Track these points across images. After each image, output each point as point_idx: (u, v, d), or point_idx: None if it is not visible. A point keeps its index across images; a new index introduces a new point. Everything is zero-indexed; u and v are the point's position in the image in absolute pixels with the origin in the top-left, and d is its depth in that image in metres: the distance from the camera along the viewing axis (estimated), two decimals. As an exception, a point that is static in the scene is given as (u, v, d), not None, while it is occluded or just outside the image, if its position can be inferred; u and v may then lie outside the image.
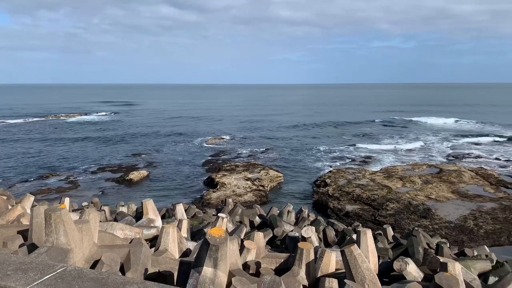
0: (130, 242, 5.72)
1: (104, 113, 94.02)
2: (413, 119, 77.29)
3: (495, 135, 54.44)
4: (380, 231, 11.91)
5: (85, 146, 47.10)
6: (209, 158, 39.41)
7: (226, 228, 9.21)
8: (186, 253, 6.83)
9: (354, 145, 47.33)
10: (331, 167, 34.69)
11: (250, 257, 5.89)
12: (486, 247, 12.19)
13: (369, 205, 23.18)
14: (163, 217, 11.05)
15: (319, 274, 5.38)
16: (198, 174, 33.16)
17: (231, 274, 4.08)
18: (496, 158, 38.70)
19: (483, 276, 7.21)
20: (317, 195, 26.14)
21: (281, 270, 5.88)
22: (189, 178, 31.92)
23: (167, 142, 49.65)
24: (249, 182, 28.06)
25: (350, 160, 38.61)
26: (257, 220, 11.56)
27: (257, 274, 5.32)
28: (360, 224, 15.27)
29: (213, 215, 12.94)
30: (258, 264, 5.69)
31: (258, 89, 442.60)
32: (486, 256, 10.32)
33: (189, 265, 4.08)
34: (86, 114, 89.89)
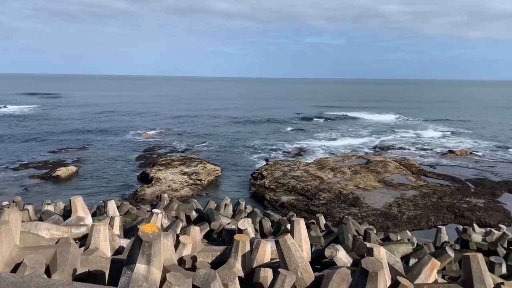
0: (56, 242, 5.40)
1: (27, 106, 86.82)
2: (346, 113, 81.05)
3: (418, 129, 58.93)
4: (313, 220, 12.38)
5: (4, 141, 43.28)
6: (144, 152, 38.20)
7: (161, 224, 9.02)
8: (119, 251, 6.59)
9: (290, 139, 48.61)
10: (267, 160, 35.32)
11: (186, 252, 5.84)
12: (408, 231, 13.20)
13: (303, 196, 24.00)
14: (93, 215, 10.54)
15: (254, 265, 5.48)
16: (132, 169, 32.03)
17: (165, 270, 4.02)
18: (418, 149, 41.90)
19: (405, 259, 7.81)
20: (254, 187, 26.52)
21: (217, 263, 5.90)
22: (122, 173, 30.71)
23: (98, 136, 47.22)
24: (185, 177, 27.68)
25: (285, 153, 39.59)
26: (194, 214, 11.47)
27: (193, 268, 5.30)
28: (295, 214, 15.75)
29: (148, 211, 12.60)
30: (194, 259, 5.66)
31: (194, 81, 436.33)
32: (408, 240, 11.15)
33: (121, 263, 3.95)
34: (5, 107, 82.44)
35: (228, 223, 9.73)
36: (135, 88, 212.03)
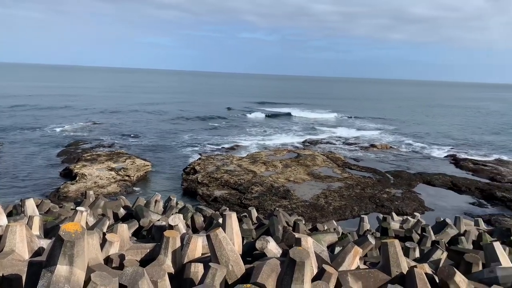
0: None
1: None
2: (279, 109, 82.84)
3: (344, 124, 62.07)
4: (245, 214, 12.53)
5: None
6: (67, 147, 35.82)
7: (86, 222, 8.57)
8: (38, 252, 6.15)
9: (223, 134, 48.63)
10: (200, 154, 35.01)
11: (113, 250, 5.61)
12: (334, 221, 13.88)
13: (236, 190, 24.19)
14: (9, 215, 9.70)
15: (185, 261, 5.42)
16: (54, 165, 29.92)
17: (90, 270, 3.83)
18: (344, 143, 44.17)
19: (331, 247, 8.21)
20: (186, 183, 26.16)
21: (147, 261, 5.75)
22: (42, 170, 28.56)
23: (14, 131, 43.31)
24: (113, 172, 26.50)
25: (219, 147, 39.53)
26: (122, 211, 11.03)
27: (121, 267, 5.11)
28: (227, 208, 15.82)
29: (72, 209, 11.87)
30: (122, 257, 5.46)
31: (125, 72, 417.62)
32: (334, 229, 11.72)
33: (40, 265, 3.69)
34: None
35: (158, 220, 9.50)
36: (59, 78, 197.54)
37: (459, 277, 4.24)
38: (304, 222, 11.66)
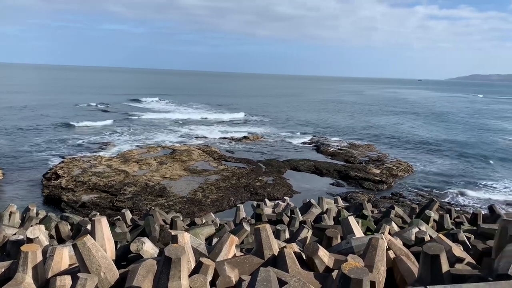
0: None
1: None
2: (147, 106, 79.92)
3: (219, 117, 63.14)
4: (118, 217, 11.86)
5: None
6: None
7: None
8: None
9: (87, 132, 44.94)
10: (63, 157, 31.79)
11: (-46, 276, 4.76)
12: (212, 213, 14.09)
13: (107, 192, 22.75)
14: None
15: (50, 275, 4.91)
16: None
17: None
18: (219, 136, 45.02)
19: (209, 239, 8.33)
20: (48, 189, 23.55)
21: (3, 281, 5.03)
22: None
23: None
24: (-48, 185, 22.37)
25: (84, 147, 36.47)
26: (-34, 229, 9.40)
27: (-33, 295, 4.38)
28: (98, 213, 14.77)
29: None
30: (-33, 283, 4.67)
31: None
32: (212, 221, 11.92)
33: None
34: None
35: (14, 234, 8.37)
36: None
37: (322, 251, 4.72)
38: (182, 218, 11.59)
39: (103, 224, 5.89)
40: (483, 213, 10.83)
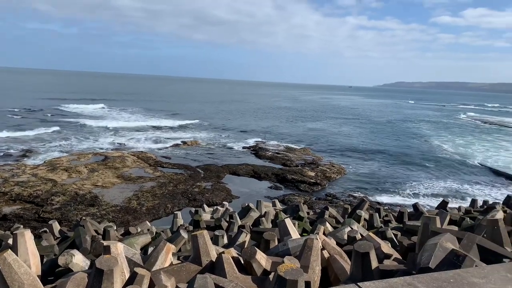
0: None
1: None
2: (79, 112, 75.74)
3: (155, 123, 61.49)
4: (45, 229, 11.08)
5: None
6: None
7: None
8: None
9: (5, 139, 41.48)
10: (-21, 166, 29.01)
11: None
12: (148, 222, 13.65)
13: (32, 203, 21.13)
14: None
15: (-37, 297, 4.44)
16: None
17: None
18: (155, 142, 43.78)
19: (145, 249, 8.06)
20: (-39, 202, 21.33)
21: None
22: None
23: None
24: None
25: (5, 155, 33.58)
26: None
27: None
28: (22, 226, 13.66)
29: None
30: None
31: None
32: (148, 230, 11.56)
33: None
34: None
35: None
36: None
37: (260, 255, 4.77)
38: (115, 228, 11.10)
39: (26, 237, 5.48)
40: (408, 211, 11.65)
